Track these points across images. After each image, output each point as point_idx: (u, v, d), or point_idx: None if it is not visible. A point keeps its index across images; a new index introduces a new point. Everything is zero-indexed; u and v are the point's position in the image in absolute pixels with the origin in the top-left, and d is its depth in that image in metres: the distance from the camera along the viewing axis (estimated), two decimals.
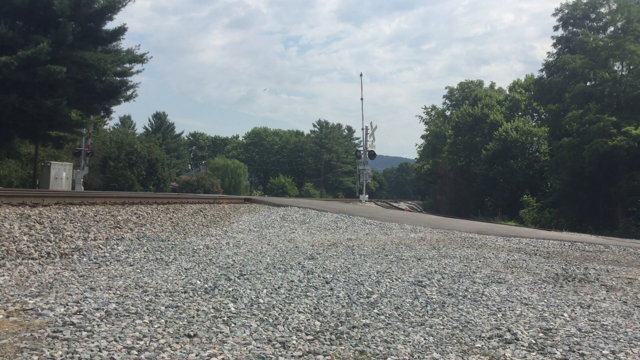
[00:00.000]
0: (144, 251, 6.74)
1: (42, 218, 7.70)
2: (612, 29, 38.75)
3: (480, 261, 7.13)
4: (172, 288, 4.54)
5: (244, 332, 3.40)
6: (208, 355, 2.91)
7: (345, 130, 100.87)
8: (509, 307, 4.44)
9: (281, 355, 3.00)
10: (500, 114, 56.21)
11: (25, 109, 21.71)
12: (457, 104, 71.45)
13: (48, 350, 2.80)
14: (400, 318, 3.97)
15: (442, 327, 3.77)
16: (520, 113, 58.47)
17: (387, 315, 4.03)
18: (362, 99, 41.33)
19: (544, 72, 43.76)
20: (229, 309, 3.95)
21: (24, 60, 20.12)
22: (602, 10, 39.61)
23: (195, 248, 7.26)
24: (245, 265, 5.95)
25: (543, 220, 36.57)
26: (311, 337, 3.37)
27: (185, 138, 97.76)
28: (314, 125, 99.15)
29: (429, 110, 78.94)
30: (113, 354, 2.82)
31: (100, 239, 7.21)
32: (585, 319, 4.19)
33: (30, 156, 30.97)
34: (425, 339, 3.47)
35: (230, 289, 4.62)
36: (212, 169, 69.79)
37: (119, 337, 3.10)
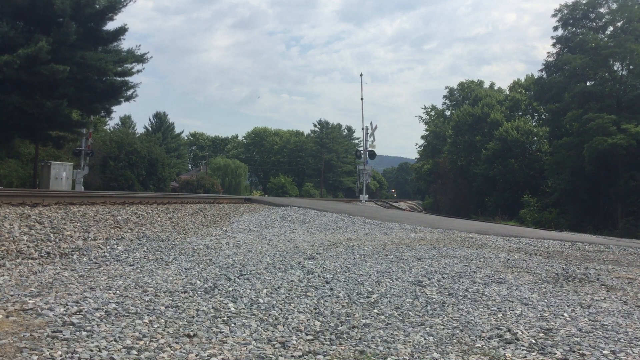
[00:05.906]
0: (144, 251, 6.73)
1: (42, 218, 7.70)
2: (612, 28, 38.77)
3: (480, 261, 7.13)
4: (172, 288, 4.53)
5: (244, 332, 3.40)
6: (208, 355, 2.91)
7: (346, 130, 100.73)
8: (509, 307, 4.43)
9: (281, 355, 3.00)
10: (501, 113, 56.13)
11: (26, 109, 21.73)
12: (457, 104, 71.43)
13: (48, 350, 2.80)
14: (400, 318, 3.96)
15: (442, 327, 3.77)
16: (520, 113, 58.39)
17: (387, 315, 4.02)
18: (362, 98, 41.50)
19: (544, 72, 43.74)
20: (228, 309, 3.94)
21: (25, 59, 20.12)
22: (602, 10, 39.62)
23: (195, 248, 7.25)
24: (245, 265, 5.94)
25: (543, 220, 36.56)
26: (311, 337, 3.37)
27: (186, 138, 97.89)
28: (315, 125, 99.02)
29: (429, 110, 78.96)
30: (113, 354, 2.82)
31: (100, 239, 7.21)
32: (585, 319, 4.18)
33: (31, 156, 30.96)
34: (425, 339, 3.47)
35: (230, 288, 4.62)
36: (213, 169, 69.80)
37: (119, 337, 3.09)
